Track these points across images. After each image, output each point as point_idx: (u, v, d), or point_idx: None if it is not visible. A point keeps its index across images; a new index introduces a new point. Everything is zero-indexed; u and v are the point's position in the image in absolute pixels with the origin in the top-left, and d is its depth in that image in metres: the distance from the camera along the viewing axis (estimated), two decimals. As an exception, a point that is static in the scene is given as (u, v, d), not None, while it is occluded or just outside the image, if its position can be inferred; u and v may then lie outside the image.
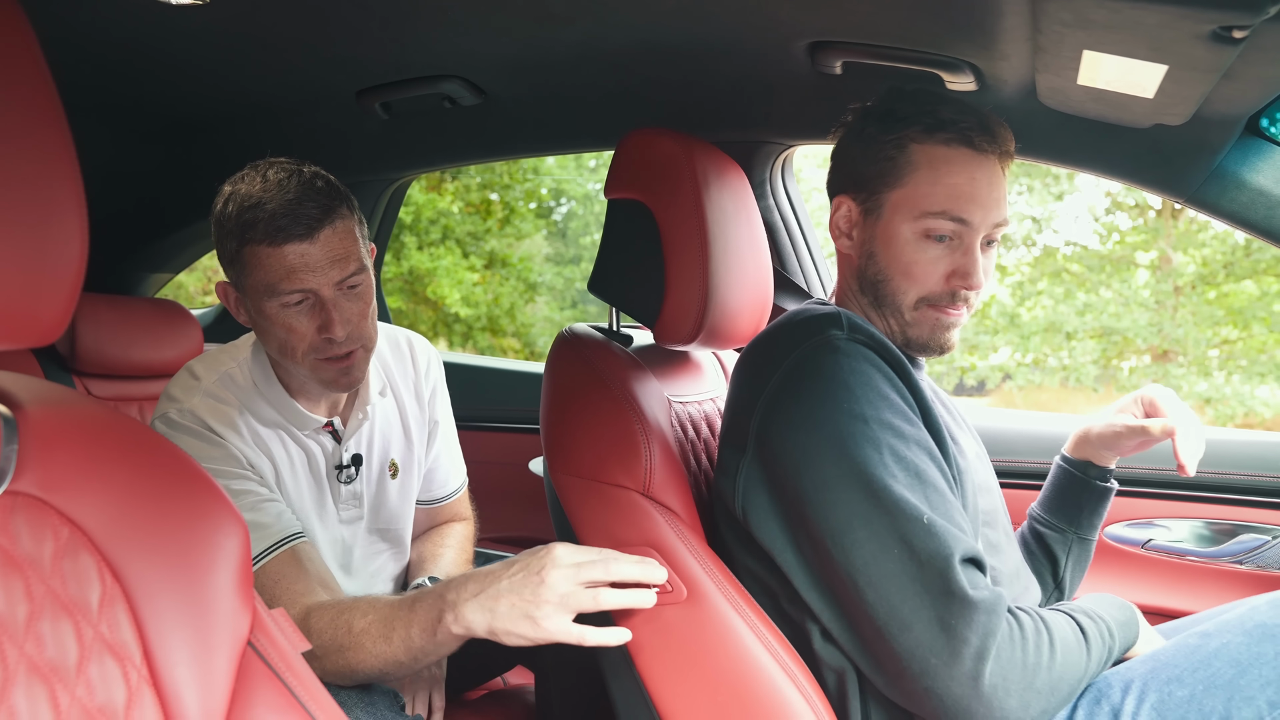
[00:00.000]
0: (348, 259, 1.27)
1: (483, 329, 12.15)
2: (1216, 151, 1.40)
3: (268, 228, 1.22)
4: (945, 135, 1.19)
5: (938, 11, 1.20)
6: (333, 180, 1.29)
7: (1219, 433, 1.93)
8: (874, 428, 1.07)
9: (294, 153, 1.40)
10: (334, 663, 1.15)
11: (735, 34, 1.40)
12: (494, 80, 1.61)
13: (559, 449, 1.26)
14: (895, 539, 1.04)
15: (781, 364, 1.14)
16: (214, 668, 0.69)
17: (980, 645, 1.00)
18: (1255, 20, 0.90)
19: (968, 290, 1.21)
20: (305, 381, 1.35)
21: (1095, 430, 1.37)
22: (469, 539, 1.68)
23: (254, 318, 1.30)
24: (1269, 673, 1.05)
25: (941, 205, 1.19)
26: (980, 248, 1.21)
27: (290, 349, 1.28)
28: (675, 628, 1.14)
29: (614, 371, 1.27)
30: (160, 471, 0.74)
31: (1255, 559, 1.55)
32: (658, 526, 1.18)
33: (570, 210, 13.07)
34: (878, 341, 1.15)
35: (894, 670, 1.04)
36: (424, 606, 1.11)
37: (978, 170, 1.19)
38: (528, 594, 1.06)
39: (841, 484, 1.06)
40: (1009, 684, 1.00)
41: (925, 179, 1.20)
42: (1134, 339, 9.71)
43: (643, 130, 1.32)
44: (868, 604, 1.04)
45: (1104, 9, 0.96)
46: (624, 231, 1.33)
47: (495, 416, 2.21)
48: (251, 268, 1.24)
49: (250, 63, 1.56)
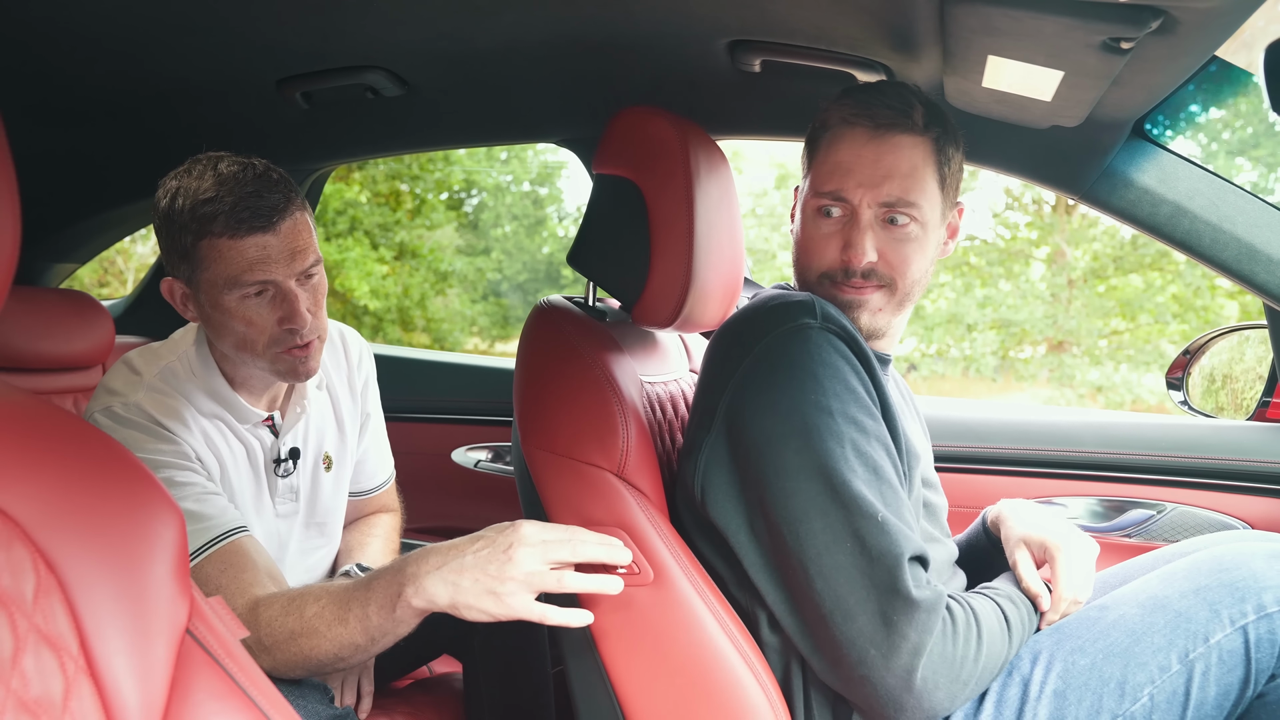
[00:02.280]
0: (306, 251, 1.27)
1: (392, 321, 11.92)
2: (1107, 152, 1.48)
3: (229, 220, 1.21)
4: (839, 115, 1.21)
5: (852, 14, 1.24)
6: (284, 173, 1.29)
7: (1109, 415, 2.04)
8: (839, 421, 1.08)
9: (210, 141, 1.37)
10: (286, 652, 1.13)
11: (657, 30, 1.42)
12: (418, 72, 1.60)
13: (533, 423, 1.25)
14: (849, 533, 1.05)
15: (753, 348, 1.14)
16: (152, 656, 0.68)
17: (917, 642, 1.03)
18: (1141, 33, 0.97)
19: (851, 264, 1.20)
20: (251, 375, 1.35)
21: (1004, 532, 1.31)
22: (396, 530, 1.67)
23: (208, 313, 1.28)
24: (1160, 640, 1.12)
25: (825, 179, 1.21)
26: (880, 226, 1.21)
27: (250, 342, 1.28)
28: (639, 610, 1.15)
29: (592, 349, 1.26)
30: (94, 461, 0.73)
31: (1143, 532, 1.66)
32: (629, 508, 1.18)
33: (481, 201, 12.92)
34: (848, 333, 1.15)
35: (832, 656, 1.07)
36: (381, 584, 1.10)
37: (865, 147, 1.19)
38: (493, 570, 1.05)
39: (802, 474, 1.07)
40: (939, 678, 1.04)
41: (820, 159, 1.23)
42: (1031, 330, 10.09)
43: (637, 109, 1.31)
44: (815, 591, 1.06)
45: (1007, 18, 1.01)
46: (610, 208, 1.32)
47: (419, 407, 2.19)
48: (209, 261, 1.23)
49: (164, 46, 1.51)
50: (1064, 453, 1.72)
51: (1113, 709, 1.11)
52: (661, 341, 1.50)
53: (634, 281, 1.29)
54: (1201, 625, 1.12)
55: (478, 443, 2.16)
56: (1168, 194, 1.49)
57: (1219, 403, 1.83)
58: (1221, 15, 0.94)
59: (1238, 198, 1.47)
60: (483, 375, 2.28)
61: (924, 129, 1.21)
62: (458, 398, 2.22)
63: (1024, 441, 1.74)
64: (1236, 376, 1.82)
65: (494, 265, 12.89)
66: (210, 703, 0.72)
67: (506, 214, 13.03)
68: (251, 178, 1.24)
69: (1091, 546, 1.23)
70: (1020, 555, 1.23)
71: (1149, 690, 1.11)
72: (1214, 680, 1.11)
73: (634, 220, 1.27)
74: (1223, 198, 1.47)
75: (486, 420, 2.17)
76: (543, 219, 13.35)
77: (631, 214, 1.27)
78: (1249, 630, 1.11)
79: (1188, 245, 1.49)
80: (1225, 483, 1.63)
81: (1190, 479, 1.65)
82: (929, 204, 1.22)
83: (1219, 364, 1.84)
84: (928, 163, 1.21)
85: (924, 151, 1.21)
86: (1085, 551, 1.21)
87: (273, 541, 1.42)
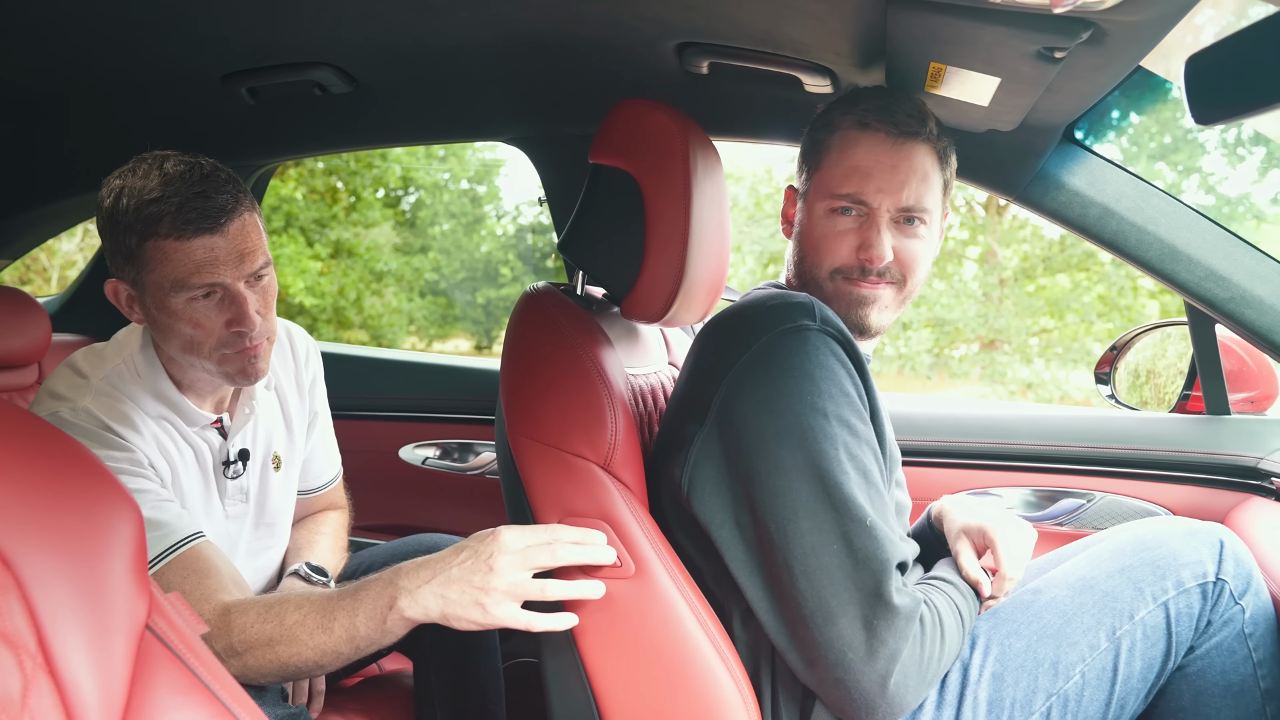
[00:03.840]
0: (255, 252, 1.25)
1: (328, 320, 11.72)
2: (1040, 156, 1.54)
3: (175, 221, 1.18)
4: (851, 118, 1.25)
5: (799, 20, 1.27)
6: (232, 173, 1.26)
7: (1041, 409, 2.11)
8: (833, 424, 1.09)
9: (153, 135, 1.34)
10: (260, 658, 1.12)
11: (606, 32, 1.43)
12: (366, 69, 1.59)
13: (521, 411, 1.23)
14: (837, 535, 1.07)
15: (751, 345, 1.14)
16: (112, 652, 0.68)
17: (895, 648, 1.05)
18: (1072, 43, 1.02)
19: (871, 263, 1.25)
20: (198, 378, 1.32)
21: (946, 525, 1.35)
22: (343, 527, 1.67)
23: (154, 315, 1.26)
24: (1089, 620, 1.18)
25: (841, 182, 1.25)
26: (895, 227, 1.26)
27: (197, 344, 1.25)
28: (620, 603, 1.15)
29: (583, 339, 1.25)
30: (50, 458, 0.72)
31: (1073, 520, 1.72)
32: (613, 501, 1.17)
33: (419, 199, 12.78)
34: (844, 336, 1.17)
35: (810, 656, 1.08)
36: (371, 595, 1.11)
37: (882, 152, 1.24)
38: (477, 581, 1.08)
39: (795, 473, 1.08)
40: (909, 682, 1.07)
41: (834, 159, 1.26)
42: (964, 329, 10.31)
43: (638, 101, 1.30)
44: (799, 591, 1.07)
45: (948, 27, 1.06)
46: (605, 199, 1.31)
47: (366, 405, 2.18)
48: (155, 264, 1.20)
49: (104, 39, 1.48)
50: (999, 445, 1.78)
51: (1047, 688, 1.16)
52: (643, 333, 1.51)
53: (626, 274, 1.28)
54: (1127, 603, 1.18)
55: (425, 440, 2.15)
56: (1096, 196, 1.55)
57: (1144, 397, 1.91)
58: (1146, 28, 1.00)
59: (1160, 200, 1.54)
60: (430, 372, 2.28)
61: (936, 138, 1.27)
62: (405, 395, 2.21)
63: (961, 435, 1.80)
64: (1160, 371, 1.90)
65: (431, 264, 12.76)
66: (172, 697, 0.72)
67: (444, 212, 12.90)
68: (199, 177, 1.21)
69: (1028, 530, 1.27)
70: (961, 546, 1.27)
71: (1080, 668, 1.16)
72: (1139, 655, 1.17)
73: (629, 213, 1.26)
74: (1147, 200, 1.54)
75: (434, 418, 2.16)
76: (481, 217, 13.25)
77: (627, 206, 1.27)
78: (1169, 606, 1.18)
79: (1114, 245, 1.56)
80: (1149, 472, 1.70)
81: (1117, 469, 1.72)
82: (936, 208, 1.29)
83: (1144, 360, 1.92)
84: (936, 169, 1.27)
85: (934, 159, 1.27)
86: (1021, 534, 1.26)
87: (223, 543, 1.40)
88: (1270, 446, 1.61)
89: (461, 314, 13.17)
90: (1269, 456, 1.59)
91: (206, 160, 1.25)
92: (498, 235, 13.51)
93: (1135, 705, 1.19)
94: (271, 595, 1.18)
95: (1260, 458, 1.60)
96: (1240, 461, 1.63)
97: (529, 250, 13.33)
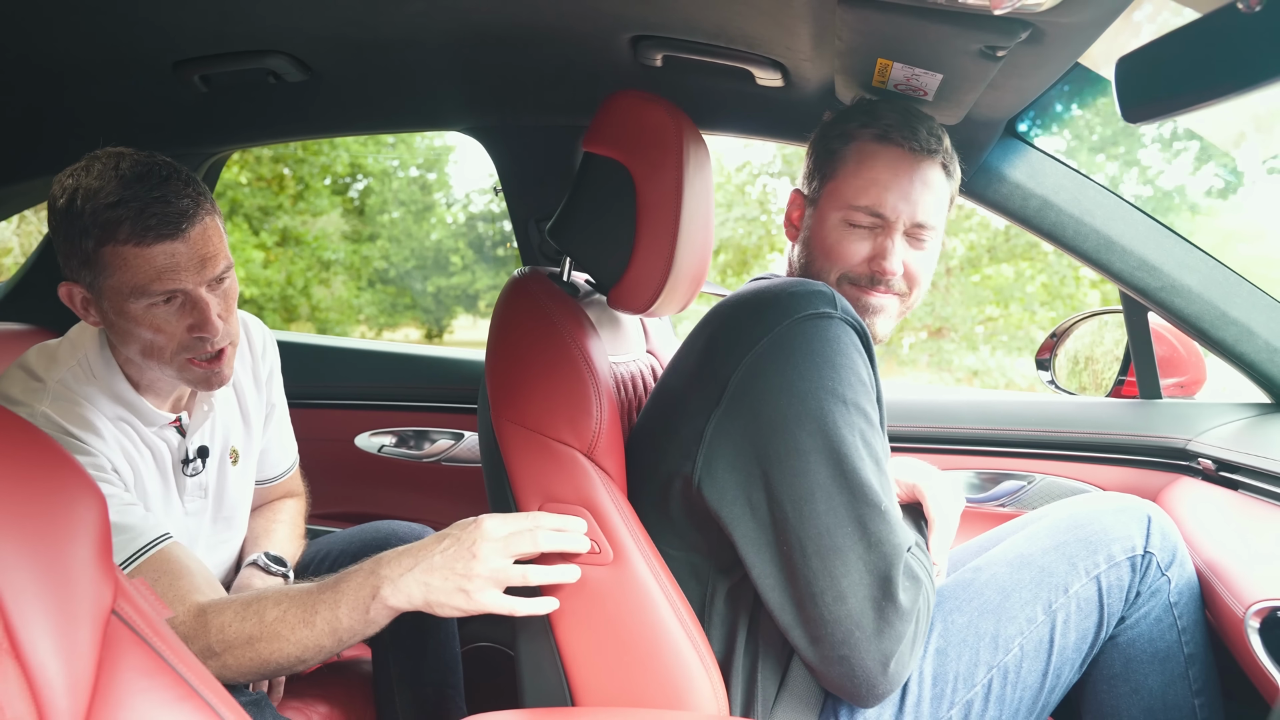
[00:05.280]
0: (217, 256, 1.22)
1: (274, 310, 11.54)
2: (983, 149, 1.59)
3: (135, 227, 1.15)
4: (873, 130, 1.27)
5: (750, 15, 1.29)
6: (192, 175, 1.23)
7: (986, 394, 2.17)
8: (851, 411, 1.11)
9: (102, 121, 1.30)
10: (241, 657, 1.13)
11: (561, 23, 1.44)
12: (321, 57, 1.58)
13: (506, 395, 1.24)
14: (852, 518, 1.09)
15: (773, 328, 1.14)
16: (77, 636, 0.69)
17: (900, 630, 1.09)
18: (1012, 42, 1.06)
19: (883, 274, 1.28)
20: (157, 379, 1.31)
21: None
22: (301, 514, 1.67)
23: (112, 319, 1.23)
24: (1026, 595, 1.23)
25: (860, 193, 1.27)
26: (906, 242, 1.30)
27: (158, 350, 1.23)
28: (597, 589, 1.17)
29: (571, 327, 1.25)
30: (12, 445, 0.72)
31: (1015, 501, 1.78)
32: (594, 489, 1.19)
33: (368, 186, 12.62)
34: (861, 327, 1.18)
35: (815, 634, 1.10)
36: (352, 586, 1.12)
37: (901, 167, 1.27)
38: (460, 568, 1.10)
39: (813, 455, 1.09)
40: (905, 659, 1.11)
41: (852, 171, 1.29)
42: (911, 317, 10.47)
43: (634, 93, 1.30)
44: (811, 569, 1.09)
45: (893, 25, 1.09)
46: (596, 188, 1.31)
47: (321, 393, 2.17)
48: (114, 269, 1.17)
49: (49, 21, 1.46)
50: (944, 429, 1.84)
51: (988, 661, 1.21)
52: (623, 321, 1.52)
53: (614, 264, 1.29)
54: (1061, 578, 1.23)
55: (381, 428, 2.15)
56: (1036, 189, 1.61)
57: (1082, 382, 1.97)
58: (1082, 28, 1.05)
59: (1097, 193, 1.61)
60: (385, 360, 2.27)
61: (949, 157, 1.31)
62: (360, 383, 2.20)
63: (909, 420, 1.85)
64: (1097, 358, 1.97)
65: (380, 254, 12.61)
66: (139, 680, 0.72)
67: (394, 200, 12.76)
68: (158, 180, 1.17)
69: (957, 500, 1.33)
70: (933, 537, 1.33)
71: (1019, 641, 1.21)
72: (1074, 627, 1.22)
73: (620, 203, 1.27)
74: (1084, 193, 1.60)
75: (390, 405, 2.16)
76: (431, 205, 13.13)
77: (618, 197, 1.27)
78: (1101, 579, 1.23)
79: (1053, 236, 1.62)
80: (1085, 454, 1.76)
81: (1056, 451, 1.78)
82: (942, 223, 1.34)
83: (1082, 346, 1.99)
84: (945, 185, 1.32)
85: (944, 175, 1.32)
86: (949, 491, 1.32)
87: (183, 539, 1.38)
88: (1198, 429, 1.68)
89: (411, 303, 13.06)
90: (1197, 439, 1.65)
91: (164, 159, 1.22)
92: (448, 223, 13.39)
93: (1070, 674, 1.25)
94: (247, 594, 1.18)
95: (1189, 439, 1.67)
96: (1170, 443, 1.69)
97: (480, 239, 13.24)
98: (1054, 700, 1.24)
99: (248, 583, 1.44)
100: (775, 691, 1.20)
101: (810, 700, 1.19)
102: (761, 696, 1.20)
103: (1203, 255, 1.60)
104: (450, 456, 2.11)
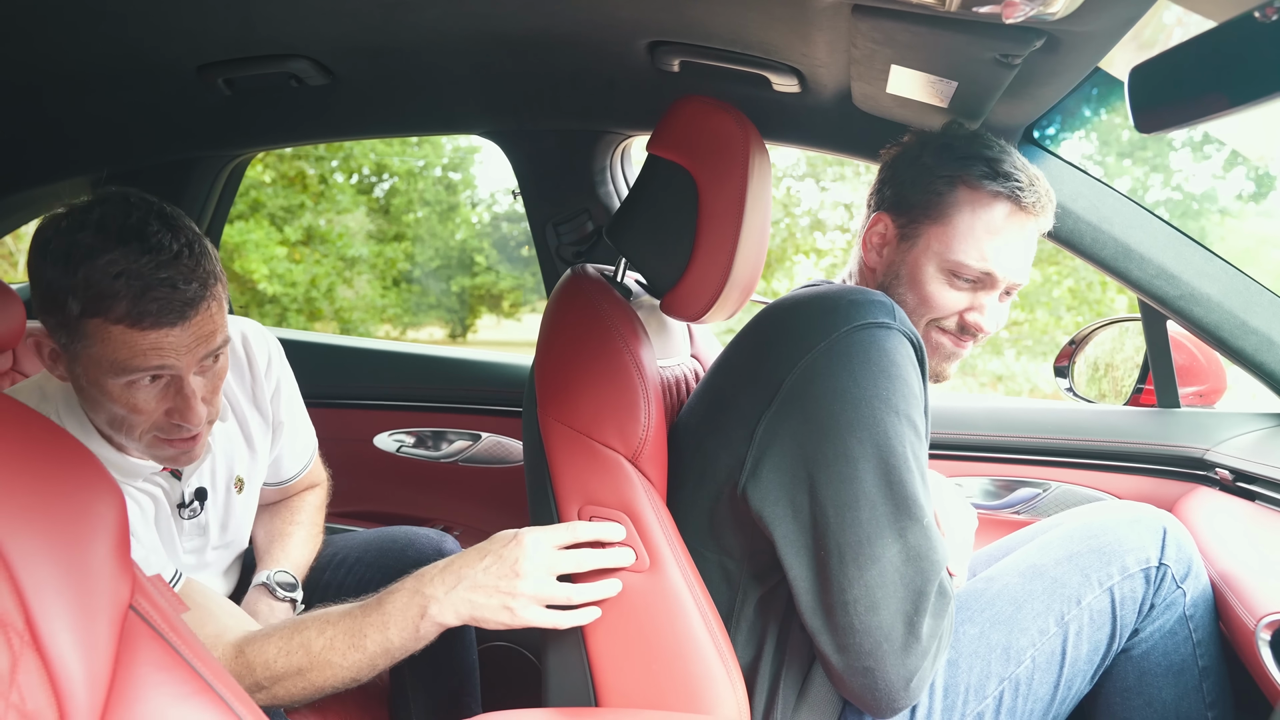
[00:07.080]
0: (215, 334, 1.12)
1: (298, 310, 11.56)
2: (1001, 156, 1.58)
3: (131, 309, 1.03)
4: (995, 188, 1.25)
5: (766, 23, 1.30)
6: (206, 244, 1.12)
7: (1002, 400, 2.16)
8: (903, 423, 1.10)
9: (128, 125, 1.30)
10: (290, 687, 1.14)
11: (579, 29, 1.45)
12: (342, 61, 1.60)
13: (555, 394, 1.23)
14: (894, 529, 1.08)
15: (830, 334, 1.13)
16: (96, 631, 0.70)
17: (926, 647, 1.09)
18: (1026, 50, 1.06)
19: (979, 330, 1.29)
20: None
21: None
22: (320, 509, 1.64)
23: (83, 385, 1.12)
24: (1039, 606, 1.22)
25: (973, 253, 1.26)
26: (998, 296, 1.30)
27: (128, 426, 1.13)
28: (631, 596, 1.17)
29: (623, 330, 1.24)
30: (35, 443, 0.74)
31: (1030, 509, 1.77)
32: (636, 495, 1.18)
33: (393, 186, 12.66)
34: (918, 341, 1.18)
35: (843, 642, 1.09)
36: (398, 606, 1.13)
37: (1015, 228, 1.26)
38: (504, 586, 1.11)
39: (861, 462, 1.08)
40: (925, 677, 1.10)
41: (965, 224, 1.26)
42: (935, 321, 10.38)
43: (703, 99, 1.28)
44: (847, 576, 1.08)
45: (908, 32, 1.09)
46: (659, 191, 1.29)
47: (341, 393, 2.19)
48: (96, 341, 1.05)
49: (75, 29, 1.48)
50: (960, 435, 1.82)
51: (1000, 673, 1.20)
52: (670, 324, 1.50)
53: (671, 270, 1.27)
54: (1074, 589, 1.23)
55: (400, 428, 2.17)
56: (1054, 196, 1.60)
57: (1101, 389, 1.96)
58: (1097, 36, 1.04)
59: (1115, 200, 1.59)
60: (405, 361, 2.30)
61: (1042, 215, 1.30)
62: (381, 384, 2.23)
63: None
64: (1117, 365, 1.95)
65: (405, 254, 12.66)
66: (155, 674, 0.74)
67: (420, 199, 12.80)
68: (169, 258, 1.04)
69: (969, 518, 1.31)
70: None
71: (1031, 653, 1.21)
72: (1086, 639, 1.22)
73: (682, 209, 1.25)
74: (1102, 200, 1.59)
75: (409, 406, 2.18)
76: (456, 205, 13.16)
77: (681, 202, 1.25)
78: (1114, 591, 1.22)
79: (1070, 243, 1.61)
80: (1102, 462, 1.75)
81: (1072, 459, 1.77)
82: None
83: (1101, 354, 1.97)
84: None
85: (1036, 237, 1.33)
86: (962, 512, 1.30)
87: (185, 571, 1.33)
88: (1216, 438, 1.66)
89: (435, 303, 13.11)
90: (1215, 448, 1.64)
91: (177, 221, 1.09)
92: (473, 223, 13.43)
93: (1082, 686, 1.24)
94: (284, 625, 1.18)
95: (1207, 449, 1.65)
96: (1188, 453, 1.67)
97: (504, 239, 13.27)
98: (1065, 712, 1.24)
99: (254, 607, 1.40)
100: (795, 700, 1.20)
101: (827, 711, 1.19)
102: (781, 705, 1.20)
103: (1223, 264, 1.59)
104: (468, 457, 2.13)
